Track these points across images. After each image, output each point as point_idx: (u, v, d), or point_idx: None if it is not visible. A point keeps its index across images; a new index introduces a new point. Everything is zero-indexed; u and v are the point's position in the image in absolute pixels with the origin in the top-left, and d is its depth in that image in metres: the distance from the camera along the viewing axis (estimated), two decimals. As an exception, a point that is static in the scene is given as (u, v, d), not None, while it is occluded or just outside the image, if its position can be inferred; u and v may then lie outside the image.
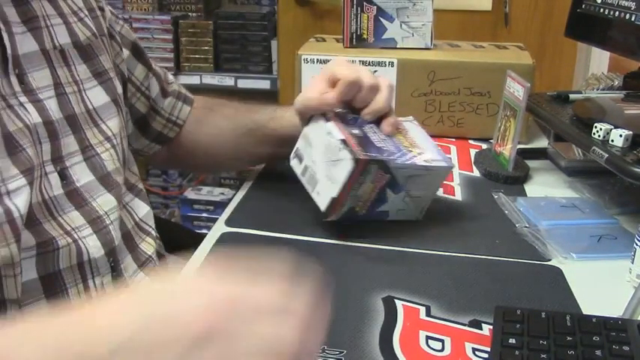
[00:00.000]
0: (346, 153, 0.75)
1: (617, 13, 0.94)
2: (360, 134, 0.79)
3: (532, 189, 0.98)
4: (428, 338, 0.62)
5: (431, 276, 0.73)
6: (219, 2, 2.39)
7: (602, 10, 0.98)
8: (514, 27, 1.93)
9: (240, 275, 0.41)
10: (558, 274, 0.74)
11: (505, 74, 1.01)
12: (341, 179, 0.75)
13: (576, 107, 0.96)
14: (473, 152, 1.11)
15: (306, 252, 0.77)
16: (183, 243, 0.85)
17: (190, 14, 2.29)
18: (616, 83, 1.16)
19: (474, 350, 0.60)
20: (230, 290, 0.41)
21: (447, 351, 0.60)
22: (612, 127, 0.84)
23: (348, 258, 0.76)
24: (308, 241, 0.80)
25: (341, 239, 0.80)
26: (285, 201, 0.89)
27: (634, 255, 0.71)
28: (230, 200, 0.94)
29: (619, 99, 0.97)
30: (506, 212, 0.88)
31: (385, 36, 1.19)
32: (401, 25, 1.19)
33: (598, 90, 1.15)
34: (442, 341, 0.61)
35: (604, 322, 0.59)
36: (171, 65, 2.20)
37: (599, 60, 1.62)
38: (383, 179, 0.78)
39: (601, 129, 0.84)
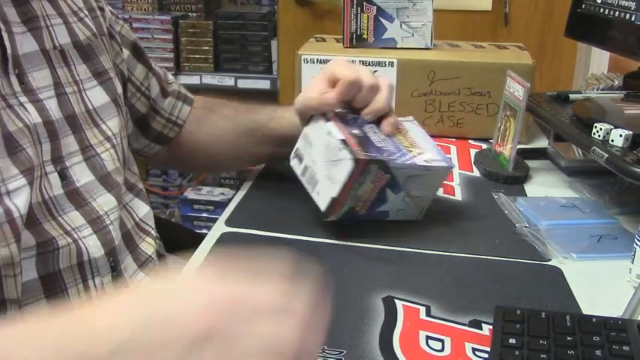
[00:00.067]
0: (346, 153, 0.75)
1: (617, 13, 0.94)
2: (360, 134, 0.79)
3: (532, 189, 0.98)
4: (428, 338, 0.62)
5: (431, 276, 0.73)
6: (219, 2, 2.39)
7: (602, 10, 0.98)
8: (514, 27, 1.93)
9: (240, 275, 0.41)
10: (558, 274, 0.74)
11: (505, 74, 1.01)
12: (341, 179, 0.75)
13: (576, 107, 0.96)
14: (473, 152, 1.11)
15: (306, 252, 0.77)
16: (183, 243, 0.85)
17: (190, 14, 2.29)
18: (616, 83, 1.16)
19: (474, 350, 0.60)
20: (230, 290, 0.41)
21: (447, 351, 0.60)
22: (612, 127, 0.84)
23: (348, 258, 0.76)
24: (308, 241, 0.80)
25: (341, 239, 0.80)
26: (285, 201, 0.89)
27: (634, 255, 0.71)
28: (230, 200, 0.94)
29: (619, 99, 0.97)
30: (506, 212, 0.88)
31: (385, 36, 1.19)
32: (401, 25, 1.19)
33: (598, 90, 1.15)
34: (442, 341, 0.61)
35: (604, 322, 0.59)
36: (171, 65, 2.20)
37: (599, 60, 1.62)
38: (383, 179, 0.78)
39: (601, 129, 0.84)
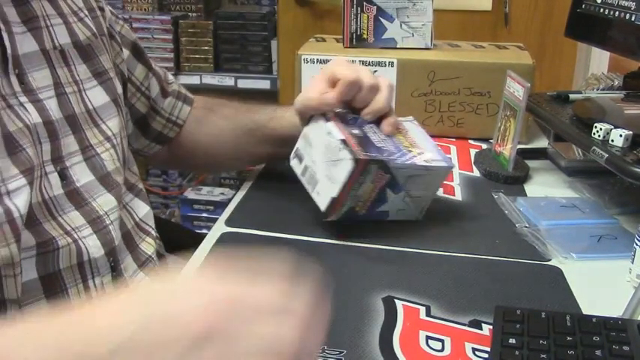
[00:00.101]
0: (346, 153, 0.75)
1: (617, 13, 0.94)
2: (360, 134, 0.79)
3: (532, 189, 0.98)
4: (428, 338, 0.62)
5: (431, 276, 0.73)
6: (219, 2, 2.39)
7: (602, 10, 0.98)
8: (514, 27, 1.93)
9: (240, 275, 0.41)
10: (558, 274, 0.74)
11: (505, 74, 1.01)
12: (341, 179, 0.75)
13: (576, 107, 0.96)
14: (473, 152, 1.11)
15: (306, 252, 0.77)
16: (183, 243, 0.85)
17: (190, 14, 2.29)
18: (616, 83, 1.16)
19: (474, 350, 0.60)
20: (230, 290, 0.41)
21: (447, 351, 0.60)
22: (612, 127, 0.84)
23: (348, 258, 0.76)
24: (308, 241, 0.80)
25: (341, 239, 0.80)
26: (285, 201, 0.89)
27: (634, 255, 0.71)
28: (230, 200, 0.94)
29: (619, 99, 0.97)
30: (506, 212, 0.88)
31: (385, 36, 1.19)
32: (401, 25, 1.19)
33: (598, 90, 1.15)
34: (442, 341, 0.61)
35: (604, 322, 0.59)
36: (171, 65, 2.20)
37: (599, 60, 1.62)
38: (383, 179, 0.78)
39: (601, 129, 0.84)
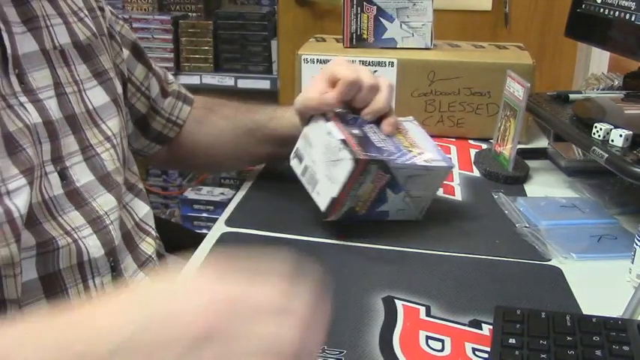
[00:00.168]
0: (346, 153, 0.75)
1: (617, 13, 0.94)
2: (360, 134, 0.79)
3: (532, 189, 0.98)
4: (428, 338, 0.62)
5: (431, 276, 0.73)
6: (219, 2, 2.39)
7: (602, 10, 0.98)
8: (514, 27, 1.93)
9: (240, 275, 0.41)
10: (558, 274, 0.74)
11: (505, 74, 1.01)
12: (341, 179, 0.75)
13: (576, 107, 0.96)
14: (473, 152, 1.11)
15: (306, 252, 0.77)
16: (183, 243, 0.85)
17: (190, 14, 2.29)
18: (616, 83, 1.16)
19: (474, 350, 0.60)
20: (230, 290, 0.41)
21: (447, 351, 0.60)
22: (612, 127, 0.84)
23: (348, 258, 0.76)
24: (308, 241, 0.80)
25: (341, 239, 0.80)
26: (285, 201, 0.89)
27: (634, 255, 0.71)
28: (230, 200, 0.94)
29: (619, 99, 0.97)
30: (506, 212, 0.88)
31: (385, 36, 1.19)
32: (401, 25, 1.19)
33: (598, 90, 1.15)
34: (442, 341, 0.61)
35: (604, 322, 0.59)
36: (171, 65, 2.20)
37: (599, 60, 1.62)
38: (383, 179, 0.78)
39: (601, 129, 0.84)
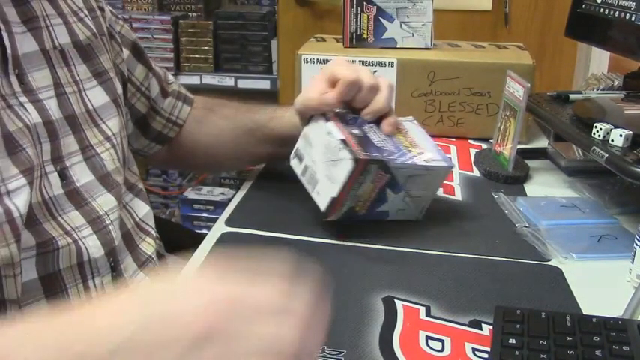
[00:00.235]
0: (346, 153, 0.75)
1: (617, 13, 0.94)
2: (360, 134, 0.79)
3: (532, 189, 0.98)
4: (428, 338, 0.62)
5: (431, 276, 0.73)
6: (219, 2, 2.39)
7: (602, 10, 0.98)
8: (514, 27, 1.93)
9: (240, 275, 0.41)
10: (558, 274, 0.74)
11: (505, 74, 1.01)
12: (341, 179, 0.75)
13: (576, 107, 0.96)
14: (473, 152, 1.11)
15: (306, 252, 0.77)
16: (183, 243, 0.85)
17: (190, 14, 2.29)
18: (616, 83, 1.16)
19: (474, 350, 0.60)
20: (230, 290, 0.41)
21: (447, 351, 0.60)
22: (612, 127, 0.84)
23: (348, 258, 0.76)
24: (308, 241, 0.80)
25: (341, 239, 0.80)
26: (285, 201, 0.89)
27: (634, 255, 0.71)
28: (230, 200, 0.94)
29: (619, 99, 0.97)
30: (506, 212, 0.88)
31: (385, 36, 1.19)
32: (401, 25, 1.19)
33: (598, 90, 1.15)
34: (442, 341, 0.61)
35: (604, 322, 0.59)
36: (171, 65, 2.20)
37: (599, 60, 1.62)
38: (383, 179, 0.78)
39: (601, 129, 0.84)
